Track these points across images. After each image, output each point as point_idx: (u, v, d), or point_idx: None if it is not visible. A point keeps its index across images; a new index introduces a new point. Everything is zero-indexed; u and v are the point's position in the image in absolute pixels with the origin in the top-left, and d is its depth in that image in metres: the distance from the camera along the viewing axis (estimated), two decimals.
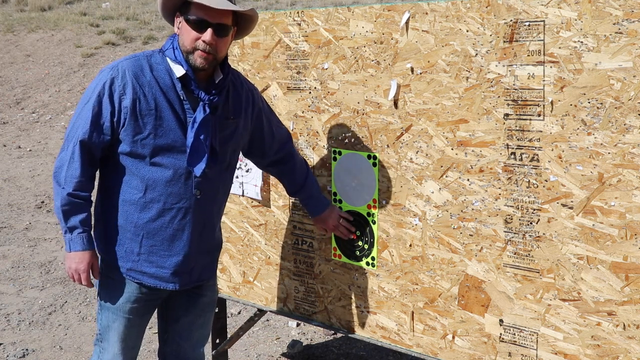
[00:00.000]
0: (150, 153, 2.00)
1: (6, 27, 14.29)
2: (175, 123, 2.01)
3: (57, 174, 2.01)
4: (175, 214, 2.05)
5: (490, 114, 2.03)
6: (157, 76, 2.01)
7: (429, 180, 2.19)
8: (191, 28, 1.97)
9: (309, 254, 2.58)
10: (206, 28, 1.96)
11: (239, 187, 2.75)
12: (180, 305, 2.25)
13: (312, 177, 2.40)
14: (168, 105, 2.01)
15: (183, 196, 2.05)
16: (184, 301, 2.24)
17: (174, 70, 2.02)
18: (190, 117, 2.03)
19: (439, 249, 2.19)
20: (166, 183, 2.02)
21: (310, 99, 2.48)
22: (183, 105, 2.03)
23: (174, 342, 2.30)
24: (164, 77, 2.02)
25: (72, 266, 2.03)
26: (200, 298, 2.26)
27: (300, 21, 2.47)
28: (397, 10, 2.20)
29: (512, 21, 1.95)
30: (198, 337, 2.33)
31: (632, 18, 1.75)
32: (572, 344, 1.94)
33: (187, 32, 1.98)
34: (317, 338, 3.73)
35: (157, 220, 2.04)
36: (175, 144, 2.02)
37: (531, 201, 1.98)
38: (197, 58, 1.98)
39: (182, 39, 2.01)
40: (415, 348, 2.29)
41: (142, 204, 2.03)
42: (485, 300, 2.10)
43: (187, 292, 2.22)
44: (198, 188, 2.06)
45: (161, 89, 2.00)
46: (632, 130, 1.78)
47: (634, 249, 1.81)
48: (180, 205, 2.05)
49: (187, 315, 2.26)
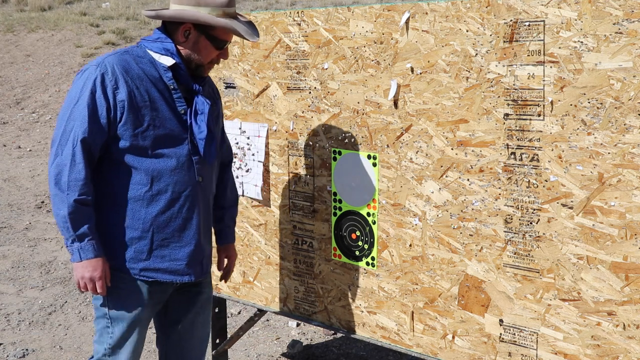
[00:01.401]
0: (151, 145, 2.00)
1: (6, 27, 14.29)
2: (170, 112, 2.03)
3: (57, 181, 1.93)
4: (183, 202, 2.06)
5: (490, 114, 2.03)
6: (144, 68, 2.02)
7: (429, 180, 2.19)
8: (214, 47, 2.06)
9: (309, 254, 2.58)
10: (224, 46, 2.09)
11: (239, 187, 2.75)
12: (180, 305, 2.24)
13: (236, 208, 2.46)
14: (160, 96, 2.02)
15: (188, 183, 2.06)
16: (184, 300, 2.24)
17: (162, 61, 2.03)
18: (181, 105, 2.05)
19: (439, 249, 2.19)
20: (171, 172, 2.03)
21: (310, 99, 2.48)
22: (172, 94, 2.04)
23: (177, 346, 2.28)
24: (150, 69, 2.03)
25: (86, 275, 1.96)
26: (199, 295, 2.26)
27: (300, 21, 2.47)
28: (397, 10, 2.20)
29: (512, 21, 1.95)
30: (200, 335, 2.32)
31: (632, 18, 1.75)
32: (572, 344, 1.94)
33: (208, 49, 2.06)
34: (317, 338, 3.73)
35: (167, 212, 2.04)
36: (173, 133, 2.03)
37: (531, 201, 1.98)
38: (207, 69, 2.11)
39: (197, 54, 2.06)
40: (415, 348, 2.29)
41: (149, 198, 2.02)
42: (485, 300, 2.10)
43: (186, 291, 2.22)
44: (200, 174, 2.09)
45: (150, 81, 2.02)
46: (632, 130, 1.78)
47: (634, 249, 1.81)
48: (187, 193, 2.06)
49: (188, 314, 2.26)
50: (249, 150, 2.71)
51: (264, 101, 2.63)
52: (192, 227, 2.08)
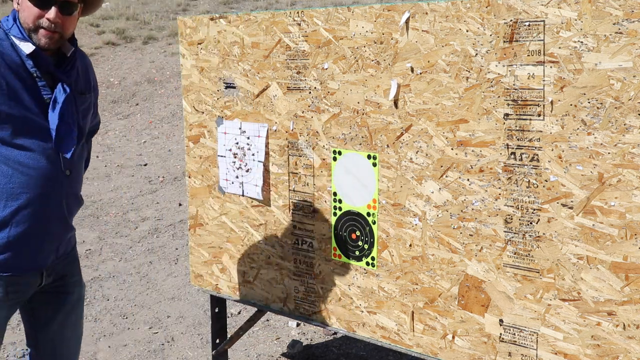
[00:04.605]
0: (10, 135, 1.87)
1: None
2: (32, 102, 1.90)
3: None
4: (45, 196, 1.97)
5: (490, 114, 2.03)
6: (4, 53, 1.86)
7: (429, 180, 2.19)
8: (33, 4, 1.86)
9: (309, 254, 2.58)
10: (50, 6, 1.87)
11: (239, 187, 2.75)
12: (48, 306, 2.15)
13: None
14: (21, 84, 1.88)
15: (53, 176, 1.97)
16: (52, 301, 2.15)
17: (22, 47, 1.88)
18: (47, 94, 1.93)
19: (439, 249, 2.19)
20: (34, 165, 1.92)
21: (310, 99, 2.48)
22: (37, 83, 1.91)
23: (50, 348, 2.19)
24: (11, 54, 1.88)
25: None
26: (68, 296, 2.19)
27: (300, 21, 2.47)
28: (397, 10, 2.20)
29: (512, 21, 1.95)
30: (73, 336, 2.24)
31: (632, 18, 1.75)
32: (572, 343, 1.94)
33: (29, 8, 1.87)
34: (317, 338, 3.73)
35: (28, 207, 1.94)
36: (35, 123, 1.91)
37: (531, 201, 1.98)
38: (42, 37, 1.89)
39: (22, 15, 1.89)
40: (415, 348, 2.29)
41: (8, 191, 1.92)
42: (485, 300, 2.10)
43: (53, 291, 2.14)
44: (67, 167, 2.01)
45: (10, 67, 1.86)
46: (632, 130, 1.78)
47: (634, 249, 1.81)
48: (51, 186, 1.97)
49: (57, 315, 2.17)
50: (249, 150, 2.71)
51: (264, 101, 2.63)
52: (53, 220, 2.00)
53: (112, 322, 4.02)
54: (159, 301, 4.31)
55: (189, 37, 2.85)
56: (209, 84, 2.81)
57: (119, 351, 3.66)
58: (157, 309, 4.20)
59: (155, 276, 4.74)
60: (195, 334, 3.84)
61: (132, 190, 6.92)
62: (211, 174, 2.88)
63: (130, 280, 4.67)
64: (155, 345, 3.70)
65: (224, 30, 2.72)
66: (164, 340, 3.77)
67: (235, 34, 2.68)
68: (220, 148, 2.80)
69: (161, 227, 5.76)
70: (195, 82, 2.86)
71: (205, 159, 2.89)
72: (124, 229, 5.79)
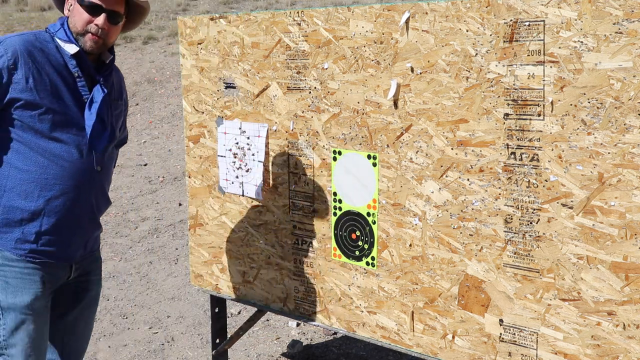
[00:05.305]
0: (49, 129, 1.99)
1: (6, 27, 14.28)
2: (72, 100, 2.03)
3: None
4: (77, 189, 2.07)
5: (490, 113, 2.03)
6: (49, 54, 2.02)
7: (429, 180, 2.19)
8: (84, 11, 2.02)
9: (309, 254, 2.58)
10: (100, 13, 2.03)
11: (239, 187, 2.75)
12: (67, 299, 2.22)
13: None
14: (63, 82, 2.02)
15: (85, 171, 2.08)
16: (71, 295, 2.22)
17: (67, 48, 2.04)
18: (85, 94, 2.06)
19: (439, 248, 2.19)
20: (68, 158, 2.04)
21: (310, 99, 2.48)
22: (76, 82, 2.05)
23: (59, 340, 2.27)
24: (55, 55, 2.03)
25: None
26: (87, 292, 2.27)
27: (300, 21, 2.47)
28: (397, 10, 2.20)
29: (512, 21, 1.95)
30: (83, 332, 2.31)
31: (632, 18, 1.75)
32: (572, 343, 1.94)
33: (80, 14, 2.03)
34: (317, 338, 3.73)
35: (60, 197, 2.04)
36: (73, 120, 2.04)
37: (531, 201, 1.98)
38: (88, 41, 2.03)
39: (73, 20, 2.04)
40: (415, 348, 2.29)
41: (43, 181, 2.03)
42: (485, 300, 2.10)
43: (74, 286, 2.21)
44: (99, 163, 2.13)
45: (53, 67, 2.01)
46: (632, 130, 1.78)
47: (634, 248, 1.81)
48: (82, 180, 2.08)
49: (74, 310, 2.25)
50: (249, 150, 2.71)
51: (264, 101, 2.63)
52: (84, 214, 2.10)
53: (112, 322, 4.02)
54: (159, 301, 4.31)
55: (189, 37, 2.85)
56: (209, 84, 2.81)
57: (119, 351, 3.66)
58: (157, 309, 4.20)
59: (155, 276, 4.74)
60: (195, 334, 3.84)
61: (132, 190, 6.92)
62: (211, 174, 2.88)
63: (130, 280, 4.67)
64: (155, 345, 3.71)
65: (224, 30, 2.72)
66: (164, 340, 3.77)
67: (235, 34, 2.68)
68: (220, 148, 2.80)
69: (161, 227, 5.77)
70: (195, 82, 2.86)
71: (205, 159, 2.89)
72: (124, 229, 5.79)
